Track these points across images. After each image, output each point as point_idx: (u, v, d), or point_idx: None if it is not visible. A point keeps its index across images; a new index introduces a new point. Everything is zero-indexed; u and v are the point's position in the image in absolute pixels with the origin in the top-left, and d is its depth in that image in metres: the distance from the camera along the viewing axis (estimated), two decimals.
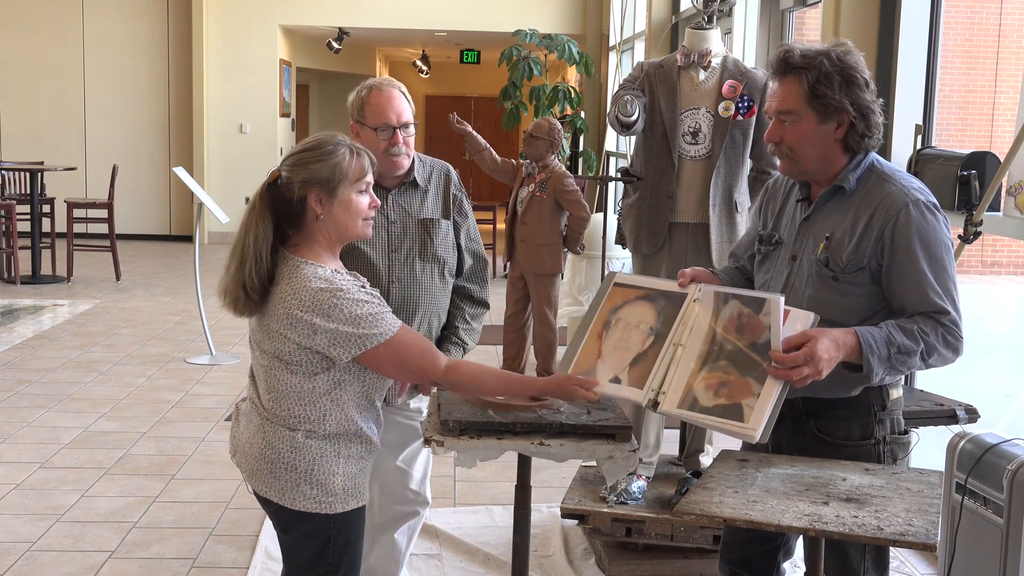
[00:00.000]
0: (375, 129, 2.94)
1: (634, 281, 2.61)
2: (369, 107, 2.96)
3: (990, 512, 2.90)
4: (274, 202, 2.32)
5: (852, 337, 2.26)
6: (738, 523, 2.12)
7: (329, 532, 2.35)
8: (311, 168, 2.30)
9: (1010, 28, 7.25)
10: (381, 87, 2.99)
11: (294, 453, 2.31)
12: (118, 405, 5.88)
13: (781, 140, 2.44)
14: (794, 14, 6.32)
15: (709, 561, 3.66)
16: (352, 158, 2.34)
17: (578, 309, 6.80)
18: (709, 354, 2.32)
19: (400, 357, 2.30)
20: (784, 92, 2.42)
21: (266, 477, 2.34)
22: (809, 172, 2.47)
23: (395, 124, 2.94)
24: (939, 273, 2.33)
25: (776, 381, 2.21)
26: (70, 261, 9.98)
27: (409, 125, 2.98)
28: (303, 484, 2.31)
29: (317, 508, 2.32)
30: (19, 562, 3.84)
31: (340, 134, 2.40)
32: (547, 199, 5.95)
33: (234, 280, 2.30)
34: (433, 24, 13.30)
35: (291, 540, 2.39)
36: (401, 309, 2.96)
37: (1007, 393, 6.37)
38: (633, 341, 2.45)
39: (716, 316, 2.36)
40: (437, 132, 20.04)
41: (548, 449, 2.54)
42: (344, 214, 2.33)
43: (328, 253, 2.35)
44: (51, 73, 12.98)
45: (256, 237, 2.28)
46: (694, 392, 2.29)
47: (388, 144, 2.93)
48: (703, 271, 2.56)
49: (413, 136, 3.02)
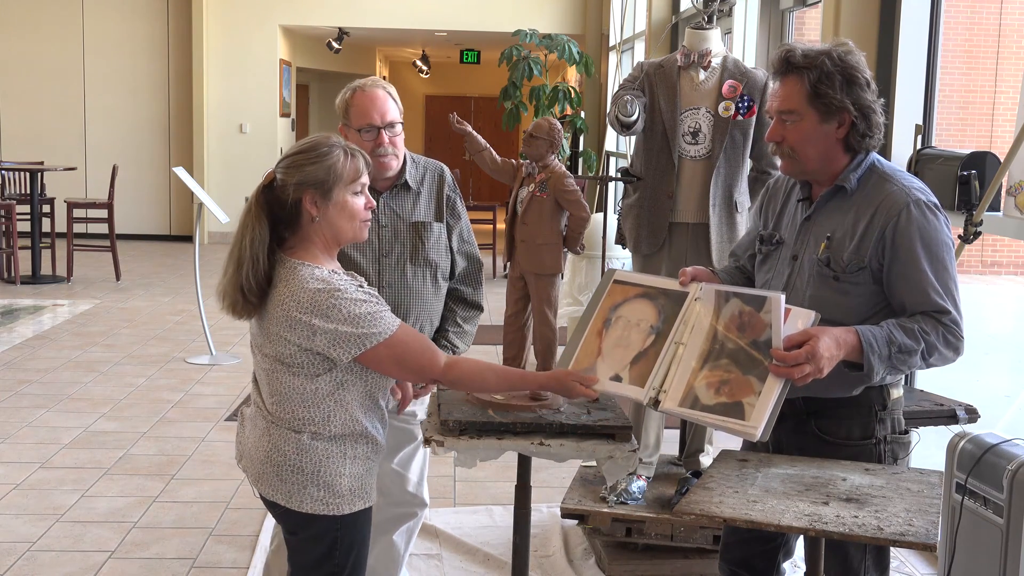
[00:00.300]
0: (359, 131, 2.91)
1: (634, 279, 2.60)
2: (353, 108, 2.92)
3: (990, 512, 2.90)
4: (270, 204, 2.31)
5: (853, 336, 2.26)
6: (738, 523, 2.12)
7: (336, 533, 2.35)
8: (306, 170, 2.29)
9: (1010, 28, 7.25)
10: (365, 88, 2.94)
11: (300, 455, 2.31)
12: (118, 405, 5.88)
13: (782, 139, 2.44)
14: (794, 14, 6.32)
15: (709, 561, 3.66)
16: (347, 160, 2.32)
17: (578, 309, 6.80)
18: (710, 353, 2.32)
19: (400, 355, 2.30)
20: (786, 92, 2.43)
21: (273, 480, 2.34)
22: (810, 172, 2.47)
23: (379, 124, 2.89)
24: (940, 273, 2.33)
25: (777, 379, 2.21)
26: (70, 261, 9.98)
27: (395, 125, 2.93)
28: (310, 486, 2.31)
29: (324, 510, 2.32)
30: (19, 562, 3.84)
31: (335, 136, 2.39)
32: (547, 199, 5.95)
33: (231, 283, 2.30)
34: (433, 24, 13.31)
35: (298, 542, 2.39)
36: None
37: (1007, 393, 6.37)
38: (634, 339, 2.45)
39: (717, 315, 2.36)
40: (437, 132, 20.05)
41: (548, 449, 2.53)
42: (339, 216, 2.32)
43: (325, 255, 2.34)
44: (51, 73, 12.98)
45: (252, 240, 2.28)
46: (695, 390, 2.29)
47: (373, 145, 2.88)
48: (703, 270, 2.56)
49: (401, 136, 2.96)
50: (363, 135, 2.90)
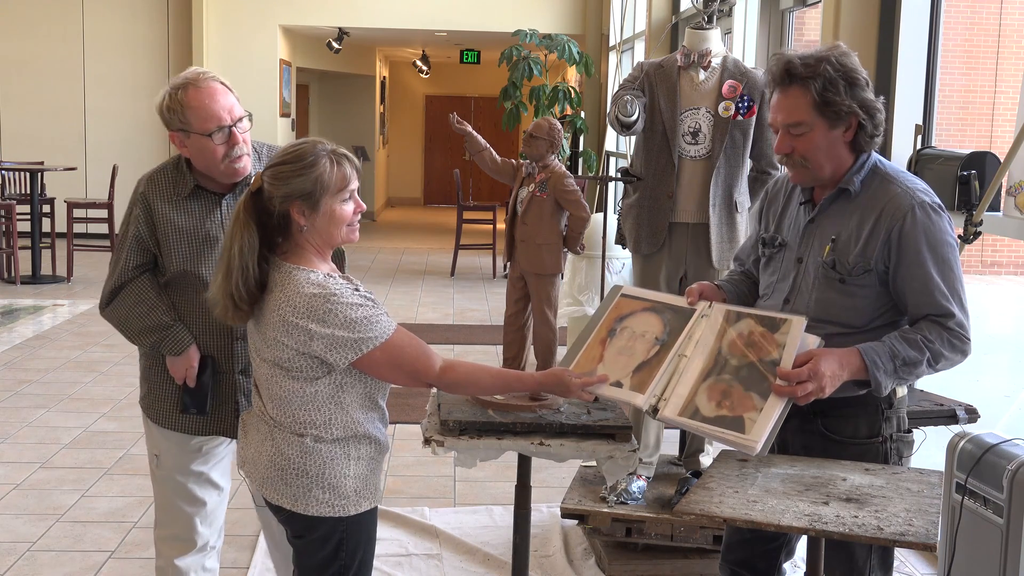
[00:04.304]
0: (208, 135, 2.55)
1: (642, 294, 2.63)
2: (192, 110, 2.55)
3: (990, 512, 2.90)
4: (258, 212, 2.30)
5: (856, 356, 2.30)
6: (738, 523, 2.12)
7: (342, 534, 2.34)
8: (292, 183, 2.26)
9: (1010, 28, 7.24)
10: (198, 83, 2.57)
11: (304, 458, 2.31)
12: (118, 405, 5.88)
13: (793, 151, 2.43)
14: (794, 14, 6.32)
15: (709, 561, 3.66)
16: (333, 168, 2.29)
17: (578, 309, 6.80)
18: (713, 367, 2.35)
19: (395, 359, 2.29)
20: (791, 103, 2.40)
21: (277, 484, 2.33)
22: (822, 179, 2.46)
23: (229, 122, 2.56)
24: (946, 274, 2.35)
25: (780, 398, 2.24)
26: (70, 261, 9.98)
27: (243, 118, 2.60)
28: (315, 488, 2.31)
29: (330, 512, 2.32)
30: (19, 562, 3.84)
31: (322, 141, 2.33)
32: (547, 199, 5.95)
33: (221, 291, 2.29)
34: (433, 24, 13.30)
35: (304, 544, 2.38)
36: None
37: (1007, 393, 6.36)
38: (638, 349, 2.46)
39: (724, 332, 2.40)
40: (437, 132, 20.05)
41: (548, 449, 2.54)
42: (328, 224, 2.30)
43: (318, 258, 2.33)
44: (51, 73, 12.98)
45: (241, 248, 2.26)
46: (696, 401, 2.31)
47: (227, 148, 2.57)
48: (709, 286, 2.59)
49: (249, 130, 2.63)
50: (214, 138, 2.56)
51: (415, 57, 18.65)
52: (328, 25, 13.52)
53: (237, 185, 2.69)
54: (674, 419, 2.32)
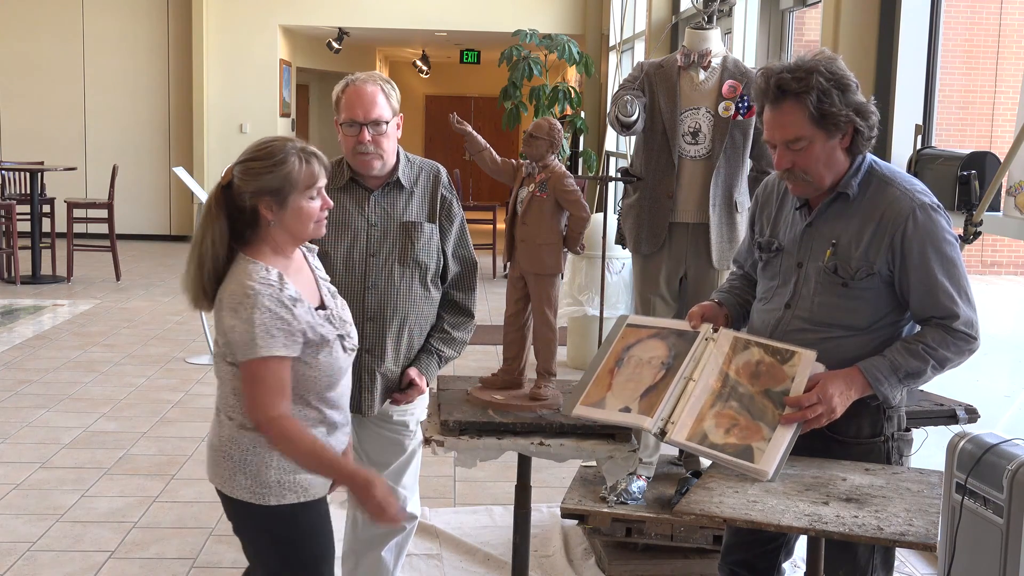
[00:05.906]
0: (342, 125, 2.88)
1: (646, 322, 2.67)
2: (341, 102, 2.89)
3: (990, 512, 2.90)
4: (228, 205, 2.33)
5: (858, 374, 2.33)
6: (738, 523, 2.12)
7: (271, 525, 2.36)
8: (262, 179, 2.29)
9: (1010, 28, 7.24)
10: (356, 82, 2.89)
11: (231, 443, 2.34)
12: (118, 405, 5.88)
13: (793, 166, 2.41)
14: (794, 14, 6.32)
15: (709, 561, 3.66)
16: (302, 166, 2.31)
17: (578, 309, 6.79)
18: (720, 393, 2.37)
19: (250, 380, 2.25)
20: (787, 119, 2.37)
21: (212, 466, 2.40)
22: (823, 189, 2.45)
23: (361, 121, 2.83)
24: (951, 272, 2.36)
25: (788, 426, 2.26)
26: (70, 261, 9.97)
27: (380, 123, 2.86)
28: (238, 474, 2.34)
29: (251, 498, 2.34)
30: (19, 562, 3.84)
31: (292, 139, 2.37)
32: (547, 199, 5.92)
33: (194, 281, 2.33)
34: (433, 24, 13.30)
35: (239, 532, 2.45)
36: (378, 316, 2.88)
37: (1007, 393, 6.36)
38: (645, 375, 2.48)
39: (731, 358, 2.42)
40: (437, 132, 20.05)
41: (548, 449, 2.54)
42: (295, 221, 2.33)
43: (276, 254, 2.35)
44: (51, 73, 12.98)
45: (213, 240, 2.31)
46: (705, 428, 2.33)
47: (354, 142, 2.84)
48: (711, 307, 2.61)
49: (388, 136, 2.89)
50: (345, 130, 2.87)
51: (415, 57, 18.66)
52: (328, 25, 13.53)
53: (386, 184, 2.94)
54: (682, 443, 2.34)
